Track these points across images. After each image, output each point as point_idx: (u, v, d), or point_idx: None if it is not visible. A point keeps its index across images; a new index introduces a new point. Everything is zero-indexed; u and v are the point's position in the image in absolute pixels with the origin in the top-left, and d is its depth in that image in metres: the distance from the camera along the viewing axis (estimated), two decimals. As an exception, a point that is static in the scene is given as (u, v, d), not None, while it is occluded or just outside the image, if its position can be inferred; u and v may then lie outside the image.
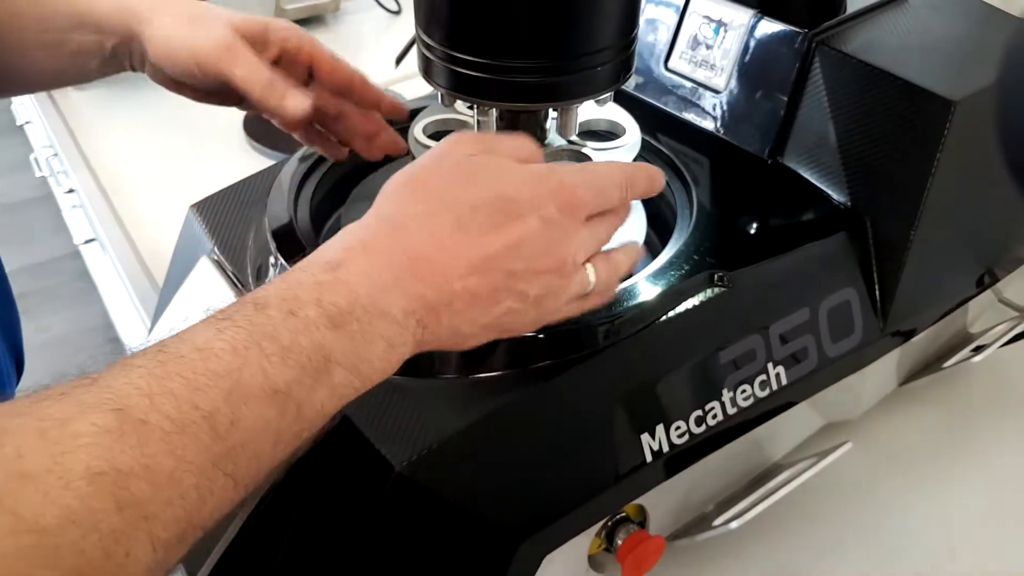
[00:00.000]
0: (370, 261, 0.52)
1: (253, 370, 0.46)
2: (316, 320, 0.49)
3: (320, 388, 0.49)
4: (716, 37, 0.87)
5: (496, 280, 0.54)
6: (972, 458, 0.91)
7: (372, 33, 1.83)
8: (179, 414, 0.44)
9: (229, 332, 0.47)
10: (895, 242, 0.79)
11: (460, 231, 0.54)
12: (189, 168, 1.37)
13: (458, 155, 0.56)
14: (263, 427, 0.47)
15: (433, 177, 0.55)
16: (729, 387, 0.72)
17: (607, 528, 0.73)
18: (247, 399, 0.46)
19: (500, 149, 0.58)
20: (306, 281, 0.51)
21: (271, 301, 0.49)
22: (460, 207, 0.54)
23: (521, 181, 0.56)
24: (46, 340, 2.61)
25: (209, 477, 0.45)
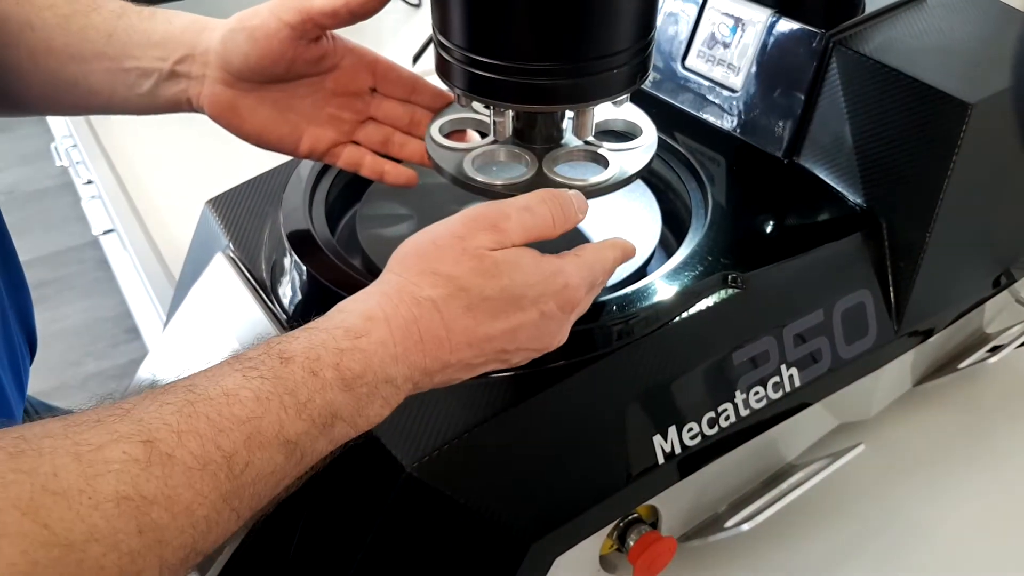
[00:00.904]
0: (389, 334, 0.56)
1: (271, 420, 0.50)
2: (332, 382, 0.53)
3: (323, 439, 0.54)
4: (733, 36, 0.87)
5: (488, 355, 0.59)
6: (987, 459, 0.90)
7: (391, 26, 1.82)
8: (202, 452, 0.47)
9: (255, 382, 0.51)
10: (911, 243, 0.79)
11: (468, 315, 0.58)
12: (206, 162, 1.37)
13: (478, 247, 0.58)
14: (271, 471, 0.51)
15: (452, 266, 0.58)
16: (742, 388, 0.72)
17: (619, 529, 0.73)
18: (263, 445, 0.50)
19: (516, 238, 0.60)
20: (329, 344, 0.54)
21: (296, 357, 0.53)
22: (472, 296, 0.57)
23: (531, 280, 0.59)
24: (63, 328, 2.62)
25: (218, 510, 0.48)
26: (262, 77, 0.75)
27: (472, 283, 0.57)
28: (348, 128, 0.79)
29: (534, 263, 0.60)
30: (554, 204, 0.62)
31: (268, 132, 0.77)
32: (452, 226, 0.60)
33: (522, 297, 0.59)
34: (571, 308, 0.62)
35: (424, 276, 0.58)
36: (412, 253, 0.60)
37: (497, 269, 0.58)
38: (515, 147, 0.73)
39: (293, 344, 0.54)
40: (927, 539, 0.83)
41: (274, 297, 0.77)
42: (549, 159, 0.71)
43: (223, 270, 0.81)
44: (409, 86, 0.79)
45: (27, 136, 3.42)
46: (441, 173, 0.72)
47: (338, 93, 0.78)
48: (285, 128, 0.78)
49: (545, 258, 0.61)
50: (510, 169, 0.72)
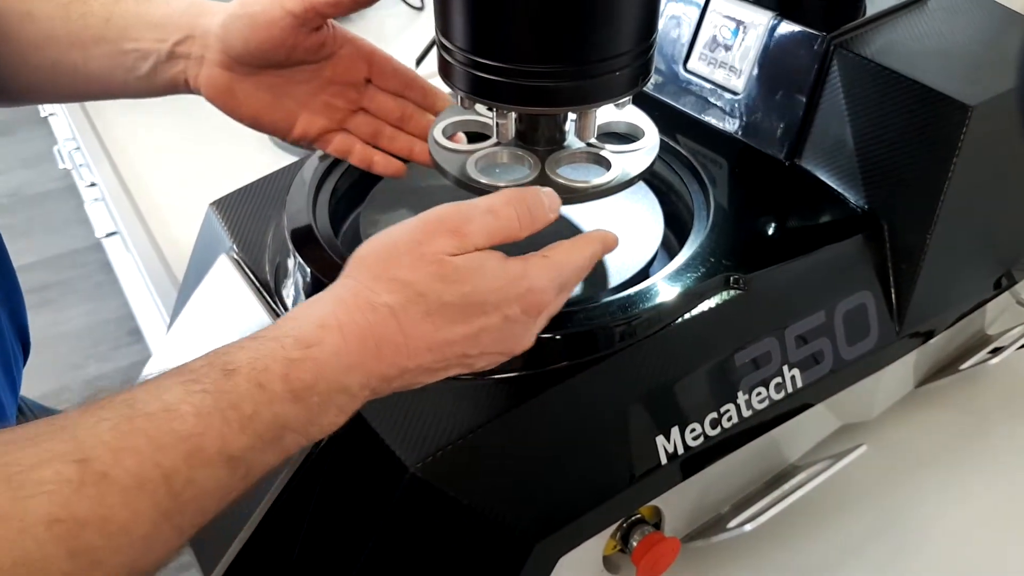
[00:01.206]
0: (343, 342, 0.54)
1: (213, 436, 0.48)
2: (280, 394, 0.51)
3: (271, 451, 0.52)
4: (735, 39, 0.88)
5: (450, 359, 0.58)
6: (988, 460, 0.91)
7: (394, 29, 1.83)
8: (140, 470, 0.46)
9: (197, 396, 0.49)
10: (912, 245, 0.79)
11: (427, 321, 0.56)
12: (209, 164, 1.37)
13: (437, 252, 0.57)
14: (214, 487, 0.49)
15: (410, 272, 0.56)
16: (744, 389, 0.73)
17: (622, 529, 0.73)
18: (205, 462, 0.48)
19: (478, 242, 0.58)
20: (278, 354, 0.52)
21: (241, 369, 0.51)
22: (431, 302, 0.56)
23: (494, 286, 0.58)
24: (66, 331, 2.63)
25: (158, 528, 0.46)
26: (261, 62, 0.76)
27: (431, 289, 0.56)
28: (341, 116, 0.80)
29: (497, 267, 0.58)
30: (520, 206, 0.60)
31: (263, 116, 0.79)
32: (411, 229, 0.58)
33: (484, 302, 0.57)
34: (537, 311, 0.60)
35: (381, 281, 0.56)
36: (370, 256, 0.59)
37: (457, 275, 0.57)
38: (518, 149, 0.73)
39: (238, 355, 0.52)
40: (929, 539, 0.84)
41: (278, 299, 0.77)
42: (552, 161, 0.71)
43: (227, 272, 0.81)
44: (403, 81, 0.80)
45: (30, 139, 3.43)
46: (444, 175, 0.72)
47: (334, 81, 0.79)
48: (280, 113, 0.79)
49: (510, 261, 0.59)
50: (513, 171, 0.72)
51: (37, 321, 2.72)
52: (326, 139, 0.80)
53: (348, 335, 0.54)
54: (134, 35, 0.77)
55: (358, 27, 1.84)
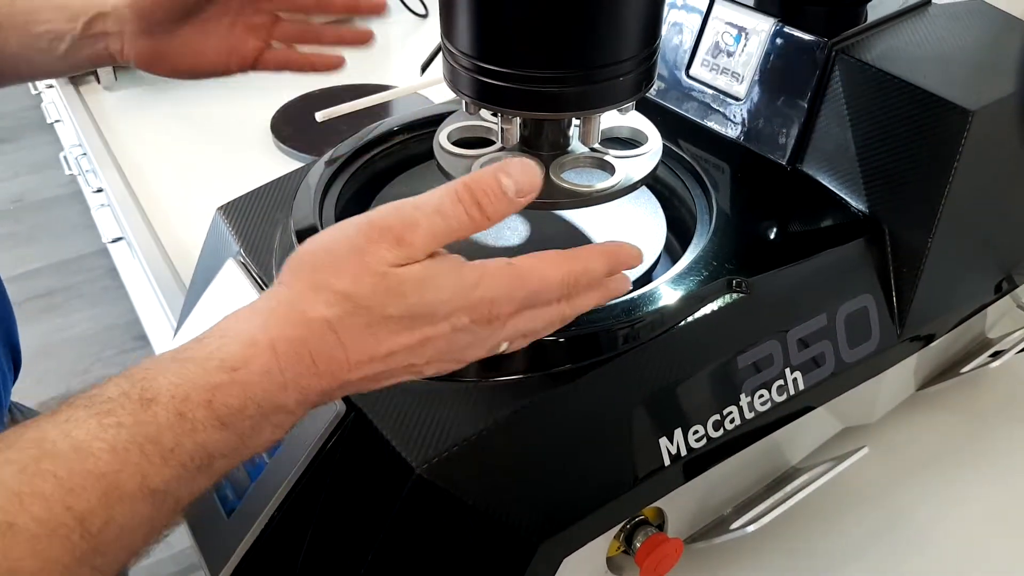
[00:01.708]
0: (275, 361, 0.50)
1: (132, 472, 0.45)
2: (204, 422, 0.48)
3: (200, 478, 0.49)
4: (737, 45, 0.88)
5: (393, 369, 0.55)
6: (989, 463, 0.91)
7: (399, 36, 1.84)
8: (49, 516, 0.43)
9: (111, 431, 0.46)
10: (913, 249, 0.80)
11: (368, 333, 0.52)
12: (216, 169, 1.38)
13: (381, 263, 0.52)
14: (137, 524, 0.46)
15: (351, 284, 0.52)
16: (747, 392, 0.73)
17: (626, 531, 0.73)
18: (123, 499, 0.45)
19: (426, 248, 0.54)
20: (200, 380, 0.49)
21: (160, 398, 0.48)
22: (374, 315, 0.52)
23: (442, 296, 0.53)
24: (72, 336, 2.63)
25: (75, 573, 0.44)
26: (178, 15, 0.78)
27: (374, 302, 0.52)
28: (264, 32, 0.82)
29: (449, 275, 0.54)
30: (469, 201, 0.54)
31: (198, 64, 0.81)
32: (351, 235, 0.54)
33: (431, 313, 0.53)
34: (487, 322, 0.55)
35: (318, 292, 0.52)
36: (306, 264, 0.54)
37: (403, 287, 0.52)
38: (522, 154, 0.73)
39: (158, 381, 0.48)
40: (931, 542, 0.84)
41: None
42: (556, 165, 0.72)
43: (234, 277, 0.82)
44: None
45: (36, 145, 3.44)
46: (450, 180, 0.73)
47: (243, 3, 0.81)
48: (211, 55, 0.81)
49: (464, 268, 0.55)
50: None
51: (43, 326, 2.73)
52: (262, 60, 0.83)
53: (281, 352, 0.51)
54: (43, 17, 0.77)
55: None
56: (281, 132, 1.43)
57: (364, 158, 0.90)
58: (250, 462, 0.73)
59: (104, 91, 1.64)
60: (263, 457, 0.72)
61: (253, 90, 1.56)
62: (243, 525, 0.72)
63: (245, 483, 0.73)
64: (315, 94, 1.53)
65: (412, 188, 0.89)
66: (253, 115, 0.84)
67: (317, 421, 0.68)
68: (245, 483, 0.73)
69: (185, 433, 0.47)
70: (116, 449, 0.45)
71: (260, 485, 0.72)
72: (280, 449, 0.71)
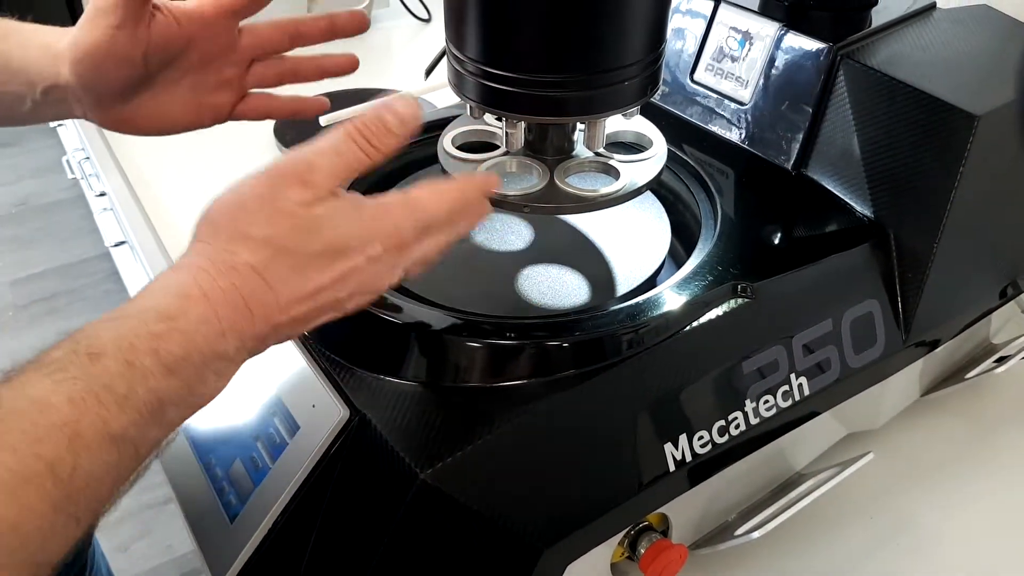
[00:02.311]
0: (209, 308, 0.52)
1: (92, 419, 0.47)
2: (152, 369, 0.50)
3: (154, 427, 0.50)
4: (742, 50, 0.88)
5: (321, 306, 0.57)
6: (994, 469, 0.91)
7: (403, 41, 1.84)
8: (21, 466, 0.44)
9: (66, 385, 0.47)
10: (918, 254, 0.79)
11: (294, 274, 0.55)
12: (220, 173, 1.38)
13: (290, 205, 0.55)
14: (104, 471, 0.48)
15: (267, 227, 0.54)
16: (752, 397, 0.73)
17: (630, 537, 0.73)
18: (87, 447, 0.46)
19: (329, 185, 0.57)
20: (142, 331, 0.50)
21: (107, 350, 0.49)
22: (295, 256, 0.55)
23: (353, 230, 0.56)
24: (75, 340, 2.63)
25: (51, 520, 0.45)
26: (130, 87, 0.75)
27: (293, 243, 0.54)
28: (238, 83, 0.80)
29: (355, 209, 0.57)
30: (360, 139, 0.58)
31: (165, 125, 0.79)
32: (257, 185, 0.56)
33: (347, 247, 0.56)
34: (397, 249, 0.58)
35: (237, 242, 0.54)
36: (221, 217, 0.56)
37: (316, 223, 0.55)
38: (527, 158, 0.73)
39: (101, 337, 0.50)
40: (935, 547, 0.84)
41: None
42: (560, 170, 0.72)
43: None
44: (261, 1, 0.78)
45: (39, 149, 3.44)
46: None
47: (209, 59, 0.78)
48: (178, 115, 0.79)
49: (365, 202, 0.58)
50: (522, 180, 0.73)
51: (45, 330, 2.73)
52: (240, 111, 0.81)
53: (215, 301, 0.52)
54: (2, 79, 0.76)
55: (365, 41, 1.84)
56: (285, 136, 1.43)
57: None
58: (253, 466, 0.72)
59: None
60: (267, 462, 0.72)
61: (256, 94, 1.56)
62: (246, 530, 0.72)
63: (249, 488, 0.73)
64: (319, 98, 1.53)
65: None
66: (256, 119, 0.83)
67: (321, 426, 0.68)
68: (249, 488, 0.73)
69: (136, 380, 0.49)
70: (74, 400, 0.47)
71: (263, 490, 0.71)
72: (284, 454, 0.71)
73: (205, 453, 0.78)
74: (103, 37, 0.71)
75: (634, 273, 0.79)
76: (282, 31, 0.80)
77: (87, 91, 0.74)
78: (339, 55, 0.83)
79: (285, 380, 0.73)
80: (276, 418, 0.73)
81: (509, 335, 0.68)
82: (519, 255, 0.82)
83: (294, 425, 0.71)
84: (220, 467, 0.76)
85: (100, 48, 0.71)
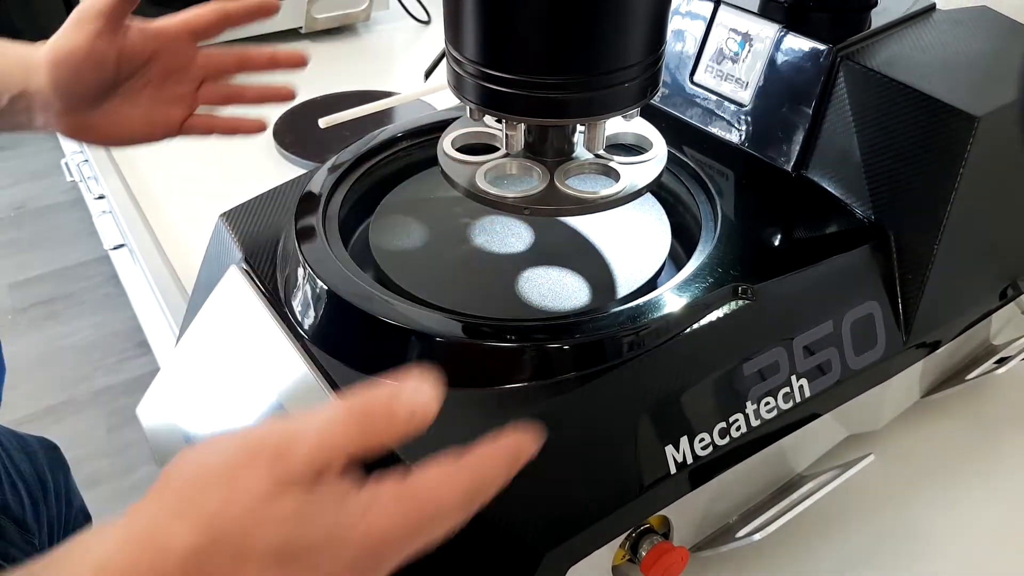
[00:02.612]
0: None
1: None
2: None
3: None
4: (742, 51, 0.88)
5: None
6: (995, 470, 0.91)
7: (402, 43, 1.84)
8: None
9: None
10: (918, 256, 0.79)
11: (232, 568, 0.44)
12: (219, 176, 1.38)
13: (254, 486, 0.45)
14: None
15: (220, 507, 0.45)
16: (753, 399, 0.73)
17: (631, 539, 0.73)
18: None
19: (304, 471, 0.46)
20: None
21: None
22: (240, 550, 0.44)
23: (321, 529, 0.46)
24: (74, 343, 2.63)
25: None
26: (99, 92, 0.80)
27: (240, 532, 0.44)
28: (190, 99, 0.85)
29: (333, 502, 0.46)
30: (358, 422, 0.48)
31: (122, 134, 0.84)
32: (226, 452, 0.47)
33: (308, 548, 0.45)
34: (377, 557, 0.48)
35: (182, 514, 0.45)
36: (180, 476, 0.48)
37: (275, 514, 0.45)
38: (527, 160, 0.73)
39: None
40: (937, 549, 0.84)
41: (288, 310, 0.77)
42: (560, 172, 0.72)
43: (237, 283, 0.82)
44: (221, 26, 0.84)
45: (37, 152, 3.45)
46: (454, 186, 0.73)
47: (167, 73, 0.83)
48: (135, 125, 0.84)
49: (351, 496, 0.47)
50: (522, 182, 0.73)
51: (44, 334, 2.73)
52: (188, 126, 0.86)
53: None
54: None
55: (366, 42, 1.85)
56: (284, 138, 1.43)
57: (367, 165, 0.90)
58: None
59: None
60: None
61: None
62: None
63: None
64: (318, 100, 1.53)
65: (415, 194, 0.89)
66: (256, 122, 0.85)
67: (321, 429, 0.68)
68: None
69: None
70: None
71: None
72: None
73: (205, 456, 0.78)
74: (84, 41, 0.76)
75: (634, 275, 0.79)
76: (232, 56, 0.86)
77: (60, 95, 0.79)
78: (280, 85, 0.89)
79: (285, 384, 0.73)
80: (276, 421, 0.73)
81: (509, 337, 0.68)
82: (519, 257, 0.82)
83: (294, 428, 0.71)
84: (220, 471, 0.76)
85: (80, 51, 0.77)
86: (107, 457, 2.26)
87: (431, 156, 0.79)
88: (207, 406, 0.81)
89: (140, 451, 2.26)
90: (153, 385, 0.89)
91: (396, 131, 0.92)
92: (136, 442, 2.29)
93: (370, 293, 0.72)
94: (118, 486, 2.19)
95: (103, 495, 2.13)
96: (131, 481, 2.20)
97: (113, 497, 2.13)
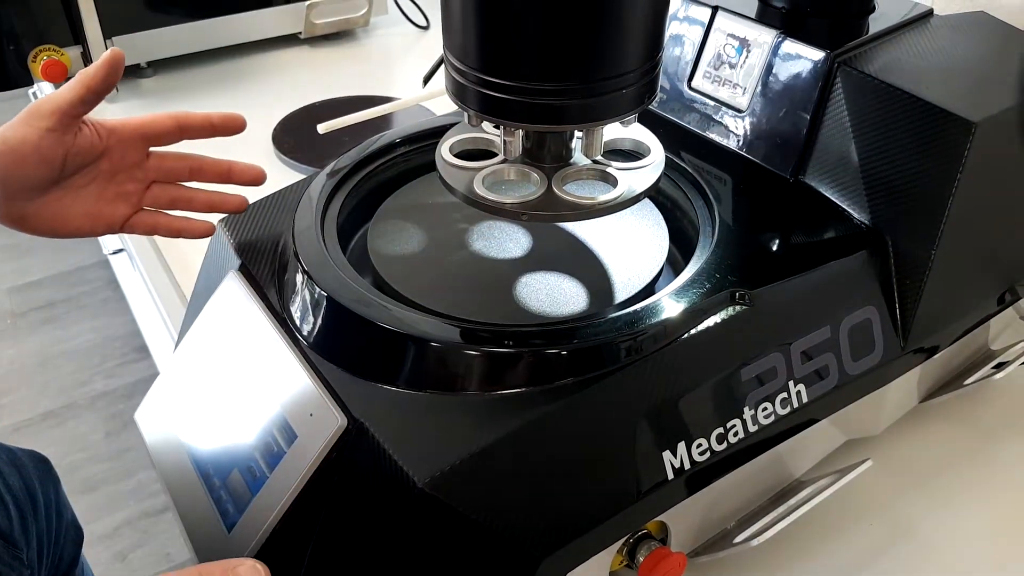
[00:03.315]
0: None
1: None
2: None
3: None
4: (739, 57, 0.88)
5: None
6: (993, 475, 0.91)
7: (401, 48, 1.84)
8: None
9: None
10: (916, 261, 0.79)
11: None
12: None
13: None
14: None
15: None
16: (750, 405, 0.73)
17: (629, 545, 0.73)
18: None
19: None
20: None
21: None
22: None
23: None
24: (73, 348, 2.63)
25: None
26: (42, 184, 0.79)
27: None
28: (136, 199, 0.84)
29: None
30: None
31: (63, 227, 0.82)
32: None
33: None
34: None
35: None
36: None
37: None
38: (525, 166, 0.73)
39: None
40: (935, 553, 0.84)
41: (287, 316, 0.77)
42: (558, 178, 0.72)
43: (235, 289, 0.82)
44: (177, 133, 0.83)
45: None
46: (452, 192, 0.73)
47: (115, 171, 0.83)
48: (76, 219, 0.82)
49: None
50: (520, 188, 0.73)
51: (43, 338, 2.73)
52: (131, 224, 0.85)
53: None
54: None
55: (365, 47, 1.85)
56: (283, 144, 1.43)
57: (366, 170, 0.90)
58: (251, 475, 0.72)
59: (106, 103, 1.63)
60: (264, 471, 0.72)
61: (255, 102, 1.57)
62: (244, 539, 0.72)
63: (246, 497, 0.72)
64: (317, 106, 1.53)
65: (414, 200, 0.89)
66: (254, 126, 0.83)
67: (318, 435, 0.68)
68: (246, 497, 0.72)
69: None
70: None
71: (261, 499, 0.71)
72: (281, 463, 0.71)
73: (203, 462, 0.78)
74: (33, 135, 0.75)
75: (632, 280, 0.79)
76: (186, 163, 0.86)
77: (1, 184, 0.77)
78: (232, 195, 0.88)
79: (283, 389, 0.73)
80: (274, 427, 0.73)
81: (507, 343, 0.68)
82: (517, 262, 0.82)
83: (292, 434, 0.71)
84: (218, 476, 0.76)
85: (27, 144, 0.76)
86: (105, 462, 2.26)
87: (429, 161, 0.79)
88: (205, 411, 0.81)
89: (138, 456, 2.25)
90: (152, 390, 0.89)
91: (395, 136, 0.92)
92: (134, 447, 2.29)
93: (368, 298, 0.72)
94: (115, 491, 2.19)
95: (100, 500, 2.12)
96: (129, 486, 2.19)
97: (110, 502, 2.13)
